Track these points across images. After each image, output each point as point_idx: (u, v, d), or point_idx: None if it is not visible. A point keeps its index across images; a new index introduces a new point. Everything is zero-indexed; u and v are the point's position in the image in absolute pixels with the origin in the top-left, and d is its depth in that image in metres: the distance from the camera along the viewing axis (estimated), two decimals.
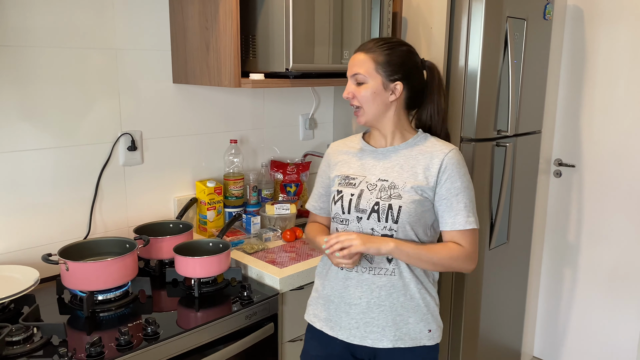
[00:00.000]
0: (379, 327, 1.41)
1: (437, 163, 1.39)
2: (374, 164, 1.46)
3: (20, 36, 1.61)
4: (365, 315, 1.42)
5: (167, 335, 1.39)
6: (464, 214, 1.38)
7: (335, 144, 1.59)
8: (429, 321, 1.43)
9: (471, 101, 2.14)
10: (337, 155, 1.54)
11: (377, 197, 1.39)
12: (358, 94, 1.41)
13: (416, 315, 1.42)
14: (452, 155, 1.40)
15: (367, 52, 1.40)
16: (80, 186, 1.81)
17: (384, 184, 1.41)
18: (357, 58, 1.41)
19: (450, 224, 1.39)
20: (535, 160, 2.60)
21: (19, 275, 1.55)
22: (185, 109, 2.05)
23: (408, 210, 1.37)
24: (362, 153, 1.50)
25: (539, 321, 3.00)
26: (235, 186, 2.11)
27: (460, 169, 1.40)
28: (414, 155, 1.43)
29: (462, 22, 2.11)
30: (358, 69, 1.40)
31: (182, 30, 1.90)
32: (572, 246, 2.80)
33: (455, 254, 1.38)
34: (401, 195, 1.38)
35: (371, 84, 1.39)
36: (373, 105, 1.41)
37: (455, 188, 1.39)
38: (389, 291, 1.40)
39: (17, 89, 1.63)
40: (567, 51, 2.69)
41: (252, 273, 1.76)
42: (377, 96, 1.40)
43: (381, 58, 1.39)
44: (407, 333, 1.42)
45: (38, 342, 1.33)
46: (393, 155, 1.45)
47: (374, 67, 1.39)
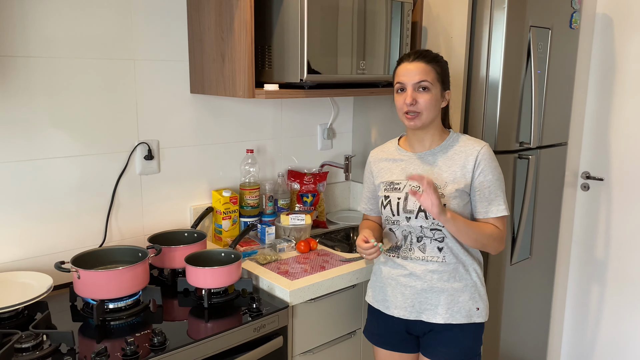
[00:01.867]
0: (432, 305, 1.61)
1: (472, 160, 1.57)
2: (415, 168, 1.63)
3: (44, 47, 1.65)
4: (419, 295, 1.61)
5: (174, 346, 1.39)
6: (496, 203, 1.57)
7: (375, 152, 1.76)
8: (476, 300, 1.62)
9: (492, 112, 2.09)
10: (378, 163, 1.72)
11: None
12: (422, 99, 1.55)
13: (465, 295, 1.60)
14: (484, 151, 1.58)
15: (429, 62, 1.56)
16: (97, 194, 1.84)
17: None
18: (419, 67, 1.55)
19: (485, 212, 1.58)
20: (560, 173, 2.53)
21: (33, 282, 1.58)
22: (202, 118, 2.06)
23: (452, 207, 1.55)
24: (401, 159, 1.67)
25: (565, 339, 2.90)
26: (250, 196, 2.11)
27: (491, 163, 1.58)
28: (450, 156, 1.60)
29: (483, 31, 2.07)
30: (425, 76, 1.54)
31: (199, 40, 1.91)
32: (600, 261, 2.70)
33: (495, 234, 1.58)
34: (443, 194, 1.56)
35: (434, 92, 1.56)
36: (433, 111, 1.57)
37: (488, 180, 1.56)
38: (440, 275, 1.59)
39: (43, 99, 1.67)
40: (596, 60, 2.60)
41: (263, 284, 1.75)
42: (438, 103, 1.58)
43: (439, 69, 1.57)
44: (458, 311, 1.60)
45: (47, 349, 1.34)
46: (431, 158, 1.62)
47: (436, 76, 1.56)
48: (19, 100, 1.63)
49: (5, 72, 1.60)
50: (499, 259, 2.23)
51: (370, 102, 2.51)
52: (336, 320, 1.83)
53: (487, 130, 2.11)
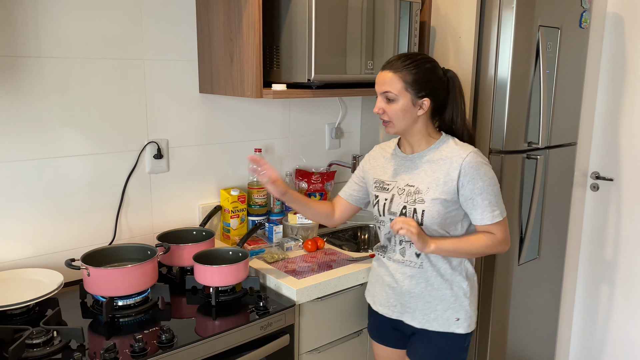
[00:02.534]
0: (411, 309, 1.62)
1: (456, 168, 1.51)
2: (404, 170, 1.62)
3: (56, 48, 1.67)
4: (400, 297, 1.63)
5: (182, 343, 1.40)
6: (488, 210, 1.52)
7: (378, 147, 1.76)
8: (456, 310, 1.59)
9: (500, 112, 2.09)
10: (377, 159, 1.72)
11: (405, 202, 1.56)
12: (388, 110, 1.53)
13: (443, 304, 1.59)
14: (470, 158, 1.51)
15: (396, 71, 1.50)
16: (107, 193, 1.86)
17: (410, 189, 1.57)
18: (385, 76, 1.51)
19: (480, 219, 1.54)
20: (569, 173, 2.51)
21: (44, 279, 1.61)
22: (211, 118, 2.08)
23: (431, 214, 1.52)
24: (395, 159, 1.66)
25: (573, 340, 2.89)
26: (258, 195, 2.13)
27: (479, 169, 1.51)
28: (435, 161, 1.56)
29: (491, 31, 2.07)
30: (388, 87, 1.50)
31: (207, 41, 1.93)
32: (610, 262, 2.69)
33: (490, 242, 1.54)
34: (424, 200, 1.53)
35: (401, 102, 1.51)
36: (403, 120, 1.53)
37: (478, 188, 1.51)
38: (418, 281, 1.59)
39: (55, 99, 1.69)
40: (606, 60, 2.59)
41: (270, 283, 1.77)
42: (407, 112, 1.52)
43: (409, 77, 1.49)
44: (435, 319, 1.59)
45: (57, 345, 1.37)
46: (418, 161, 1.59)
47: (403, 86, 1.49)
48: (31, 100, 1.66)
49: (18, 72, 1.62)
50: (506, 259, 2.23)
51: None
52: (342, 319, 1.83)
53: (495, 129, 2.11)
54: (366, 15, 1.88)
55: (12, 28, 1.59)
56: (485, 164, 1.53)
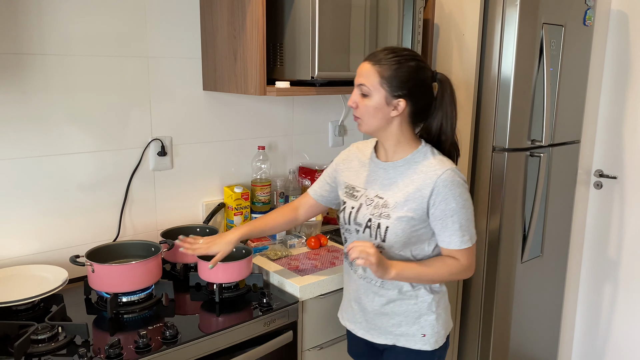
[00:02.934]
0: (377, 326, 1.53)
1: (429, 185, 1.38)
2: (376, 179, 1.49)
3: (60, 45, 1.68)
4: (365, 314, 1.54)
5: (186, 339, 1.41)
6: (458, 234, 1.40)
7: (355, 145, 1.62)
8: (422, 325, 1.49)
9: (504, 110, 2.09)
10: (352, 161, 1.59)
11: (371, 214, 1.44)
12: (361, 105, 1.40)
13: (407, 320, 1.49)
14: (445, 177, 1.37)
15: (375, 63, 1.37)
16: (111, 190, 1.87)
17: (379, 201, 1.44)
18: (363, 68, 1.39)
19: (447, 242, 1.42)
20: (573, 171, 2.51)
21: (49, 275, 1.62)
22: (214, 115, 2.09)
23: (395, 231, 1.40)
24: (369, 163, 1.53)
25: (576, 337, 2.89)
26: (262, 192, 2.13)
27: (454, 190, 1.37)
28: (409, 174, 1.43)
29: (495, 28, 2.06)
30: (364, 80, 1.38)
31: (211, 38, 1.93)
32: (613, 260, 2.68)
33: (454, 270, 1.42)
34: (390, 215, 1.41)
35: (374, 98, 1.37)
36: (374, 119, 1.39)
37: (450, 209, 1.38)
38: (380, 299, 1.50)
39: (59, 96, 1.70)
40: (610, 58, 2.58)
41: (273, 280, 1.77)
42: (379, 111, 1.38)
43: (387, 72, 1.35)
44: (401, 335, 1.50)
45: (62, 341, 1.38)
46: (392, 172, 1.46)
47: (379, 80, 1.36)
48: (35, 97, 1.67)
49: (23, 69, 1.63)
50: (509, 256, 2.23)
51: None
52: None
53: (499, 127, 2.11)
54: (369, 13, 1.88)
55: (17, 25, 1.60)
56: (462, 184, 1.39)
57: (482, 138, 2.16)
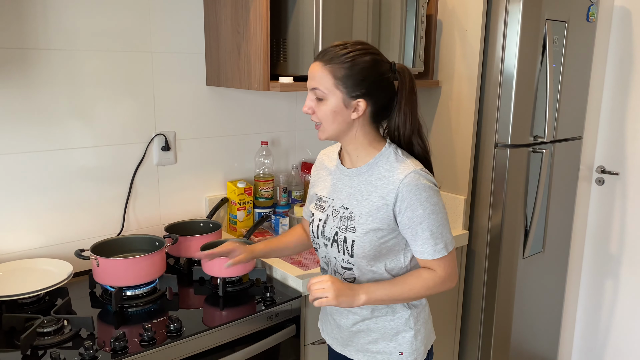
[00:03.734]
0: (353, 342, 1.44)
1: (392, 191, 1.26)
2: (342, 187, 1.37)
3: (65, 40, 1.69)
4: (341, 330, 1.46)
5: (190, 332, 1.42)
6: (430, 243, 1.28)
7: (323, 153, 1.51)
8: (399, 343, 1.38)
9: (506, 106, 2.09)
10: (319, 170, 1.48)
11: (337, 227, 1.34)
12: (317, 110, 1.27)
13: (384, 337, 1.39)
14: (408, 181, 1.25)
15: (326, 63, 1.24)
16: (116, 184, 1.88)
17: (345, 212, 1.33)
18: (314, 69, 1.26)
19: (419, 252, 1.30)
20: (575, 167, 2.52)
21: (54, 269, 1.63)
22: (218, 110, 2.09)
23: (362, 245, 1.30)
24: (335, 171, 1.41)
25: (577, 333, 2.90)
26: (265, 187, 2.14)
27: (419, 194, 1.25)
28: (373, 181, 1.31)
29: (498, 24, 2.07)
30: (316, 83, 1.25)
31: (215, 33, 1.94)
32: (614, 257, 2.69)
33: (431, 283, 1.30)
34: (356, 228, 1.30)
35: (331, 101, 1.25)
36: (334, 123, 1.27)
37: (418, 216, 1.26)
38: (354, 317, 1.41)
39: (64, 91, 1.71)
40: (612, 54, 2.58)
41: (276, 274, 1.78)
42: (338, 114, 1.26)
43: (341, 72, 1.23)
44: (378, 352, 1.40)
45: (68, 334, 1.39)
46: (356, 179, 1.34)
47: (333, 82, 1.23)
48: (40, 92, 1.67)
49: (28, 64, 1.64)
50: (511, 252, 2.24)
51: None
52: None
53: (501, 123, 2.12)
54: (373, 9, 1.89)
55: (22, 20, 1.61)
56: (428, 188, 1.26)
57: (484, 134, 2.17)
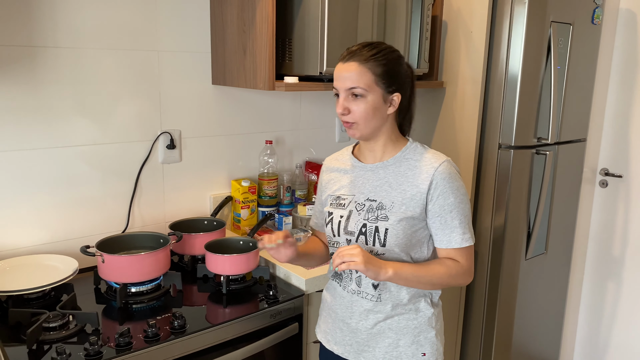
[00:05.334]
0: (370, 347, 1.39)
1: (426, 179, 1.30)
2: (363, 182, 1.38)
3: (71, 38, 1.70)
4: (355, 335, 1.40)
5: (193, 329, 1.44)
6: (459, 231, 1.31)
7: (329, 159, 1.52)
8: (421, 344, 1.37)
9: (510, 107, 2.10)
10: (329, 173, 1.48)
11: (365, 219, 1.34)
12: (355, 109, 1.29)
13: (406, 338, 1.36)
14: (443, 169, 1.30)
15: (363, 62, 1.27)
16: (121, 182, 1.89)
17: (372, 204, 1.34)
18: (351, 69, 1.28)
19: (446, 242, 1.32)
20: (578, 169, 2.52)
21: (59, 265, 1.65)
22: (223, 109, 2.10)
23: (396, 233, 1.30)
24: (352, 170, 1.42)
25: (579, 335, 2.91)
26: (269, 186, 2.15)
27: (452, 183, 1.30)
28: (402, 172, 1.34)
29: (503, 26, 2.07)
30: (356, 82, 1.27)
31: (221, 33, 1.95)
32: (617, 259, 2.69)
33: (454, 271, 1.32)
34: (388, 217, 1.31)
35: (371, 99, 1.28)
36: (372, 121, 1.30)
37: (449, 204, 1.30)
38: (376, 315, 1.36)
39: (70, 88, 1.72)
40: (618, 57, 2.58)
41: (279, 272, 1.79)
42: (377, 111, 1.30)
43: (379, 69, 1.28)
44: (398, 356, 1.37)
45: (73, 329, 1.40)
46: (382, 172, 1.36)
47: (374, 79, 1.27)
48: (47, 90, 1.69)
49: (36, 61, 1.65)
50: (513, 253, 2.24)
51: None
52: None
53: (505, 124, 2.12)
54: (378, 9, 1.89)
55: (31, 18, 1.62)
56: (459, 178, 1.33)
57: (488, 135, 2.18)
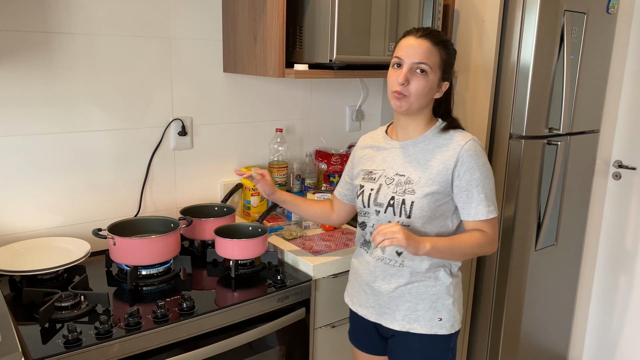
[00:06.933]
0: (391, 309, 1.50)
1: (452, 156, 1.40)
2: (394, 158, 1.49)
3: (86, 25, 1.73)
4: (378, 298, 1.52)
5: (202, 311, 1.46)
6: (484, 204, 1.41)
7: (364, 137, 1.64)
8: (438, 309, 1.47)
9: (522, 97, 2.09)
10: (363, 150, 1.60)
11: (393, 192, 1.44)
12: (414, 83, 1.38)
13: (424, 303, 1.47)
14: (469, 147, 1.40)
15: (435, 44, 1.38)
16: (133, 167, 1.92)
17: (401, 179, 1.44)
18: (424, 46, 1.37)
19: (473, 214, 1.42)
20: (591, 161, 2.50)
21: (72, 247, 1.68)
22: (234, 97, 2.12)
23: (421, 206, 1.40)
24: (384, 147, 1.54)
25: (589, 328, 2.89)
26: (279, 174, 2.17)
27: (478, 160, 1.40)
28: (430, 149, 1.44)
29: (515, 15, 2.05)
30: (426, 59, 1.37)
31: (232, 20, 1.96)
32: (630, 253, 2.67)
33: (482, 241, 1.41)
34: (415, 191, 1.41)
35: (431, 78, 1.39)
36: (423, 99, 1.41)
37: (475, 179, 1.40)
38: (398, 280, 1.47)
39: (84, 74, 1.75)
40: (633, 47, 2.55)
41: (288, 258, 1.81)
42: (431, 91, 1.41)
43: (445, 55, 1.40)
44: (416, 319, 1.48)
45: (84, 309, 1.43)
46: (411, 149, 1.47)
47: (439, 62, 1.39)
48: (61, 75, 1.72)
49: (50, 47, 1.68)
50: (523, 243, 2.23)
51: None
52: None
53: (517, 114, 2.11)
54: None
55: (44, 4, 1.65)
56: (484, 155, 1.43)
57: (499, 125, 2.16)
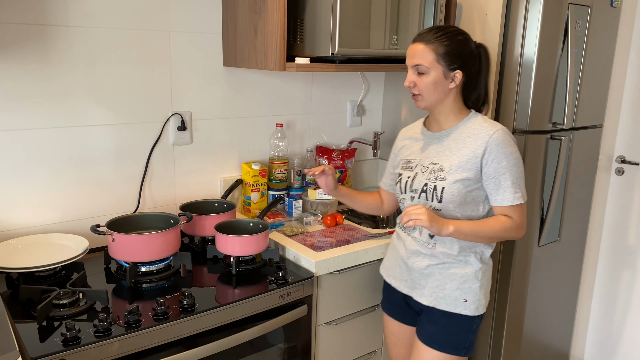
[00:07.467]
0: (421, 285, 1.61)
1: (482, 145, 1.49)
2: (429, 148, 1.61)
3: (83, 17, 1.70)
4: (411, 273, 1.63)
5: (202, 309, 1.44)
6: (511, 190, 1.50)
7: (404, 129, 1.76)
8: (465, 291, 1.56)
9: (525, 91, 2.06)
10: (403, 141, 1.73)
11: (427, 179, 1.56)
12: (419, 83, 1.52)
13: (452, 284, 1.56)
14: (497, 136, 1.49)
15: (427, 43, 1.49)
16: (132, 163, 1.90)
17: (434, 167, 1.56)
18: (417, 49, 1.50)
19: (500, 200, 1.51)
20: (594, 156, 2.47)
21: (70, 244, 1.66)
22: (234, 91, 2.09)
23: (451, 191, 1.51)
24: (422, 138, 1.65)
25: (591, 324, 2.87)
26: (279, 169, 2.14)
27: (505, 148, 1.49)
28: (462, 139, 1.54)
29: (519, 8, 2.03)
30: (419, 60, 1.50)
31: (232, 13, 1.93)
32: (632, 249, 2.65)
33: (508, 226, 1.51)
34: (446, 177, 1.52)
35: (432, 75, 1.50)
36: (434, 93, 1.52)
37: (502, 167, 1.49)
38: (430, 260, 1.58)
39: (82, 68, 1.72)
40: (637, 41, 2.52)
41: (289, 255, 1.79)
42: (438, 85, 1.51)
43: (441, 49, 1.48)
44: (442, 297, 1.57)
45: (83, 306, 1.41)
46: (445, 139, 1.58)
47: (435, 58, 1.48)
48: (58, 69, 1.69)
49: (47, 40, 1.65)
50: (526, 240, 2.21)
51: (401, 80, 2.49)
52: (359, 294, 1.85)
53: (520, 109, 2.09)
54: None
55: None
56: (513, 144, 1.51)
57: (502, 119, 2.14)
